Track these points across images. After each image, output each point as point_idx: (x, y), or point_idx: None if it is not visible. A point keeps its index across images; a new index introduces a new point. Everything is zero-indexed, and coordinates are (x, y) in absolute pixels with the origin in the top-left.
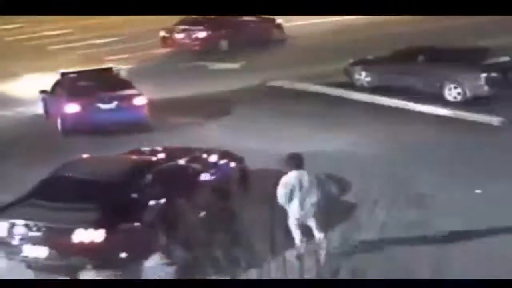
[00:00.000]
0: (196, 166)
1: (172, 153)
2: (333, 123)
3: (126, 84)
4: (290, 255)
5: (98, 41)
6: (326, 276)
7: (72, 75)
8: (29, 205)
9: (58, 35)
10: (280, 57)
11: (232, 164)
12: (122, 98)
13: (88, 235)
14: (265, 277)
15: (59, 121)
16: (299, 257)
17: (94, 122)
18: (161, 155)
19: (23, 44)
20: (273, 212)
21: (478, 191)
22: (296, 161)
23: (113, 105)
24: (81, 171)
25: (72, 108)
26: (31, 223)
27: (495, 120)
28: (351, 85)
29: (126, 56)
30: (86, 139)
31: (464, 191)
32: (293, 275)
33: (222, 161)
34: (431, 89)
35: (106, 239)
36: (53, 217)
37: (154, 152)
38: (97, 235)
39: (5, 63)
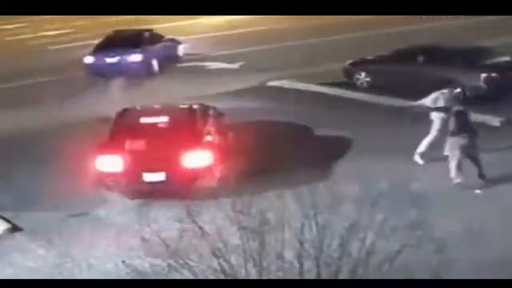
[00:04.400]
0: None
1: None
2: (333, 123)
3: (138, 43)
4: (290, 255)
5: (97, 41)
6: (326, 276)
7: (111, 33)
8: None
9: (58, 35)
10: (280, 57)
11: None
12: (123, 55)
13: (197, 158)
14: (264, 277)
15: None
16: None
17: (100, 71)
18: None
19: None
20: None
21: (477, 191)
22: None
23: (115, 59)
24: (153, 114)
25: (87, 59)
26: (141, 155)
27: (495, 120)
28: (351, 85)
29: None
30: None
31: (464, 191)
32: (293, 275)
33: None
34: (432, 89)
35: (210, 160)
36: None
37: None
38: (204, 158)
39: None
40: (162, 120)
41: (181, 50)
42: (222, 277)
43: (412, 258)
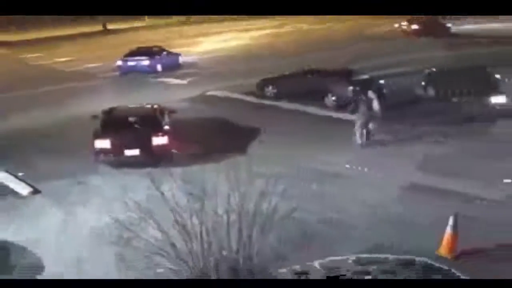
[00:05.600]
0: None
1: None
2: (250, 120)
3: (147, 54)
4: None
5: (90, 64)
6: (246, 224)
7: (134, 49)
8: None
9: (66, 61)
10: (215, 76)
11: None
12: (138, 60)
13: (161, 140)
14: (204, 227)
15: None
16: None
17: (124, 70)
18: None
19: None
20: None
21: (347, 165)
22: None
23: (134, 63)
24: (129, 111)
25: (118, 63)
26: (125, 136)
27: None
28: (262, 95)
29: (108, 75)
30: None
31: (337, 167)
32: (223, 225)
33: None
34: (316, 97)
35: (168, 141)
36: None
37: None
38: (164, 139)
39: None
40: (135, 115)
41: (180, 59)
42: (176, 227)
43: (303, 213)
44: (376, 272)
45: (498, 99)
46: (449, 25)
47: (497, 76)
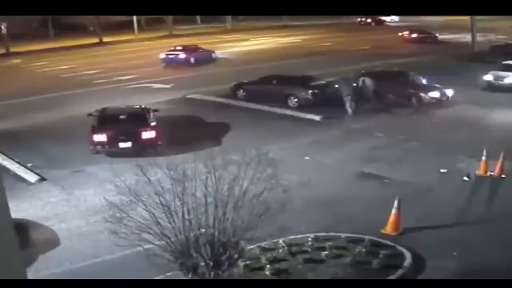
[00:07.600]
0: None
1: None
2: (223, 117)
3: (184, 50)
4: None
5: (87, 72)
6: (220, 204)
7: (174, 46)
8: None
9: (67, 68)
10: (194, 82)
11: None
12: (176, 54)
13: (149, 134)
14: (185, 207)
15: None
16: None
17: (166, 61)
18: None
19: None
20: None
21: (307, 158)
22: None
23: (173, 56)
24: (121, 110)
25: (162, 55)
26: (119, 131)
27: (316, 117)
28: (234, 97)
29: (103, 81)
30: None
31: (298, 158)
32: (201, 206)
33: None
34: (280, 99)
35: (155, 135)
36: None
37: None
38: (152, 134)
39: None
40: (126, 114)
41: (213, 55)
42: (161, 208)
43: (269, 195)
44: (331, 247)
45: (433, 94)
46: (437, 34)
47: (423, 79)
